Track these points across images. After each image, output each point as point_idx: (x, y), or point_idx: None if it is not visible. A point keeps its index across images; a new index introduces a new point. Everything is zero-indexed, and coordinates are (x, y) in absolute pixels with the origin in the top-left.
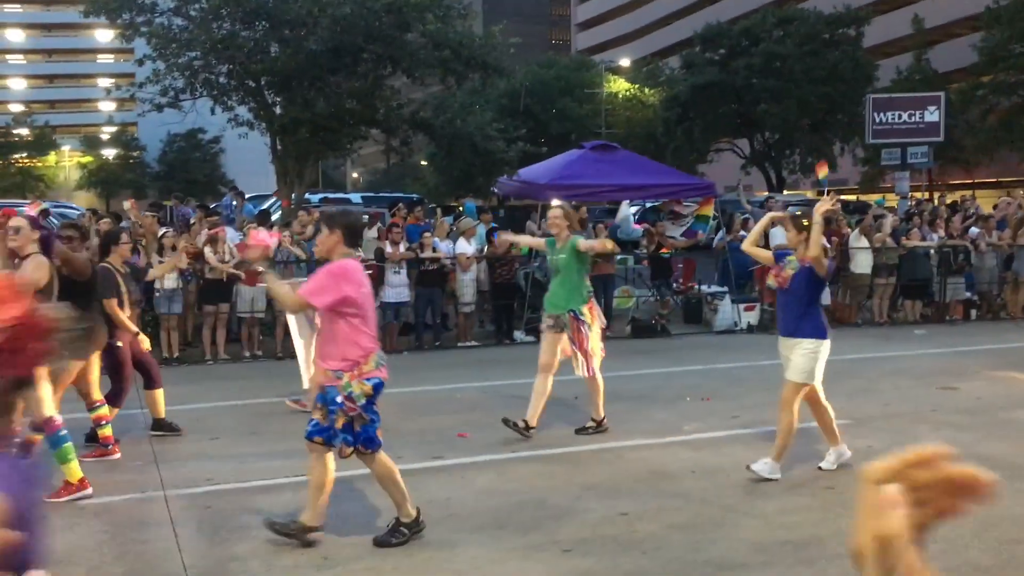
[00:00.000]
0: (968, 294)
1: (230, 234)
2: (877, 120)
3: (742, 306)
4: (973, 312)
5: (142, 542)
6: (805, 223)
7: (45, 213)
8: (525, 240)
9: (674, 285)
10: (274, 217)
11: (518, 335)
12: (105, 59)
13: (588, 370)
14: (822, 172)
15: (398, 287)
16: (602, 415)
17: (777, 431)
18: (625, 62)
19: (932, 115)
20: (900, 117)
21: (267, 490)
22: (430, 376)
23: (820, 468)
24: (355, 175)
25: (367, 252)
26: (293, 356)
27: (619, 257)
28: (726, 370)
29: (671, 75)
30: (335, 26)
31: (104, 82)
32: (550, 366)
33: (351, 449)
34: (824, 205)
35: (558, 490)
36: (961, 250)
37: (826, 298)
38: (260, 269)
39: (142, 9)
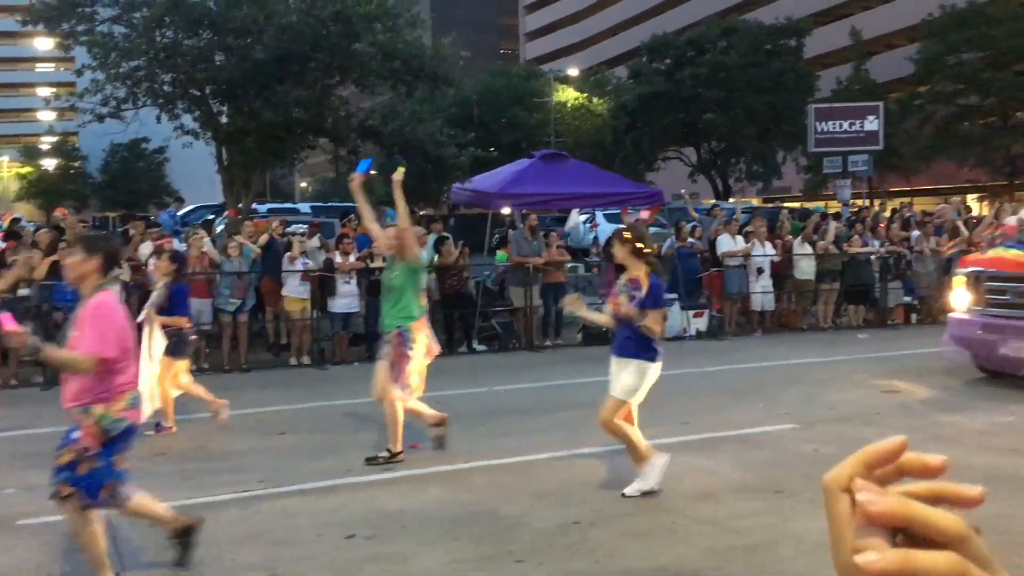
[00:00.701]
0: (908, 298)
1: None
2: (819, 129)
3: (691, 312)
4: (914, 316)
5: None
6: (627, 236)
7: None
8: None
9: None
10: (219, 228)
11: (476, 345)
12: (45, 68)
13: (399, 384)
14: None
15: (348, 297)
16: (399, 448)
17: (626, 447)
18: (574, 71)
19: (872, 124)
20: (841, 126)
21: (212, 507)
22: None
23: (624, 495)
24: (303, 184)
25: (314, 262)
26: (241, 370)
27: (569, 264)
28: (675, 376)
29: (619, 84)
30: (281, 35)
31: (44, 92)
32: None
33: (71, 489)
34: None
35: (510, 500)
36: (903, 256)
37: (771, 304)
38: (35, 347)
39: (82, 18)
